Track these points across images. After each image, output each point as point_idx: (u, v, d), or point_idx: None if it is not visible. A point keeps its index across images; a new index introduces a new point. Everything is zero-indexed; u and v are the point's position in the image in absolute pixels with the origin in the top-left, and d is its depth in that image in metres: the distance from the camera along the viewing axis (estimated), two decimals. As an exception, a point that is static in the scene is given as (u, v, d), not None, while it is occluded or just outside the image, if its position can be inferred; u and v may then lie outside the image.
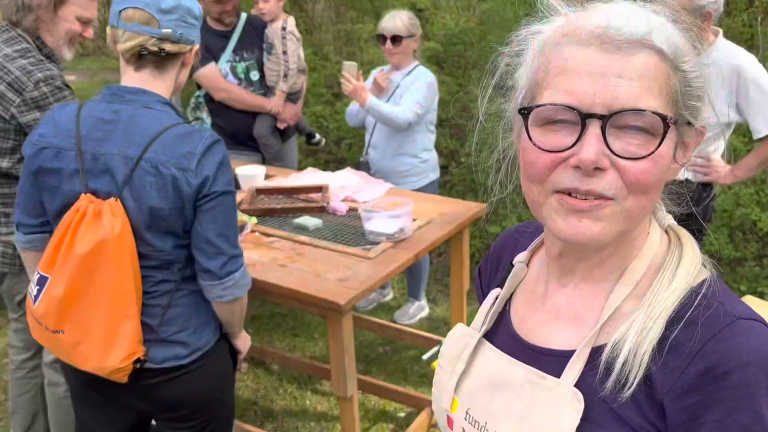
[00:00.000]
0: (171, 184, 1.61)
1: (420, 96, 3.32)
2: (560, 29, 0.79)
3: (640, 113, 0.73)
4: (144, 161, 1.61)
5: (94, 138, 1.64)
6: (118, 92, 1.68)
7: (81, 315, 1.67)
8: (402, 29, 3.32)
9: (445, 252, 4.66)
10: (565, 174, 0.76)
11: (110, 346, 1.66)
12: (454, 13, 5.52)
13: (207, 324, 1.83)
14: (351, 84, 3.17)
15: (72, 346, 1.69)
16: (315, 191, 2.95)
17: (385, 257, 2.35)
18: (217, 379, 1.90)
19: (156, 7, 1.60)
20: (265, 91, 3.75)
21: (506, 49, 0.85)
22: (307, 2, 7.01)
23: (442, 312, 3.99)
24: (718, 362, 0.73)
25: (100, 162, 1.63)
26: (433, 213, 2.71)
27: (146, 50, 1.63)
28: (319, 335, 3.81)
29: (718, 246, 3.84)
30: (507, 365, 0.88)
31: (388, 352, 3.66)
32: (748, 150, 4.00)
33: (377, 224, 2.46)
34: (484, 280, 1.08)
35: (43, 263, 1.68)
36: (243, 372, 3.48)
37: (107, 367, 1.68)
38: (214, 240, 1.68)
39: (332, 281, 2.20)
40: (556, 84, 0.76)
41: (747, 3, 4.87)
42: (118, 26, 1.63)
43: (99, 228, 1.60)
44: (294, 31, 3.69)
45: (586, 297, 0.86)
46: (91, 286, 1.64)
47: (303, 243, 2.49)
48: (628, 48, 0.73)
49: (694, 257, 0.83)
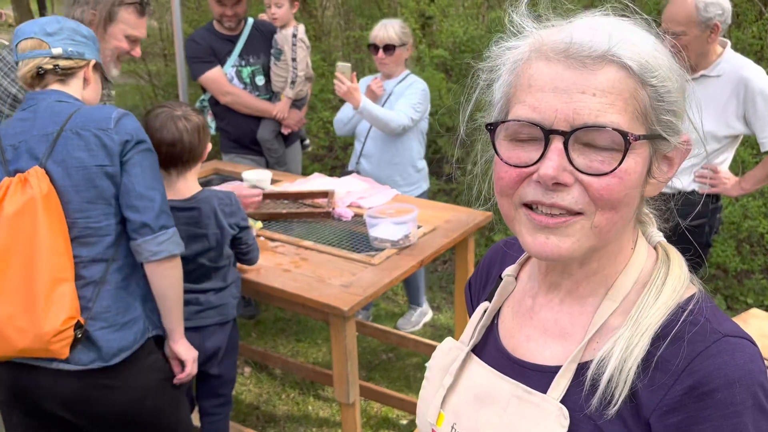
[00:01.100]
0: (95, 142, 1.71)
1: (415, 101, 3.27)
2: (531, 44, 0.79)
3: (602, 129, 0.73)
4: (65, 132, 1.72)
5: (12, 133, 1.76)
6: (31, 97, 1.80)
7: (12, 284, 1.63)
8: (394, 38, 3.27)
9: (450, 259, 4.65)
10: (530, 188, 0.77)
11: (48, 309, 1.63)
12: (463, 21, 5.52)
13: (135, 323, 1.80)
14: (345, 85, 3.09)
15: (6, 322, 1.64)
16: (321, 196, 2.95)
17: (389, 264, 2.35)
18: (148, 388, 1.84)
19: (42, 33, 1.78)
20: (270, 96, 3.76)
21: (483, 64, 0.86)
22: (317, 9, 7.04)
23: (446, 319, 3.98)
24: (704, 380, 0.72)
25: (20, 149, 1.73)
26: (438, 220, 2.70)
27: (42, 69, 1.78)
28: (323, 341, 3.80)
29: (725, 258, 3.82)
30: (494, 380, 0.88)
31: (391, 358, 3.65)
32: (756, 162, 3.99)
33: (382, 230, 2.46)
34: (474, 293, 1.08)
35: None
36: (246, 376, 3.48)
37: (47, 332, 1.62)
38: (145, 193, 1.75)
39: (336, 287, 2.20)
40: (522, 99, 0.77)
41: (757, 15, 4.85)
42: (17, 59, 1.79)
43: (27, 190, 1.65)
44: (304, 39, 3.70)
45: (573, 312, 0.86)
46: (22, 248, 1.63)
47: (307, 248, 2.50)
48: (592, 64, 0.73)
49: (681, 273, 0.83)
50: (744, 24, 4.86)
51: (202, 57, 3.60)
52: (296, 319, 4.04)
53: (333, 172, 5.37)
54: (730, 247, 3.85)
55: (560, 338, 0.85)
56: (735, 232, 3.91)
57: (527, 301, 0.92)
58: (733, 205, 3.87)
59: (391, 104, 3.33)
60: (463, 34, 5.20)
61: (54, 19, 1.81)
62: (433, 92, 4.87)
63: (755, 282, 3.92)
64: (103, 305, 1.75)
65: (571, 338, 0.84)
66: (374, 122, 3.24)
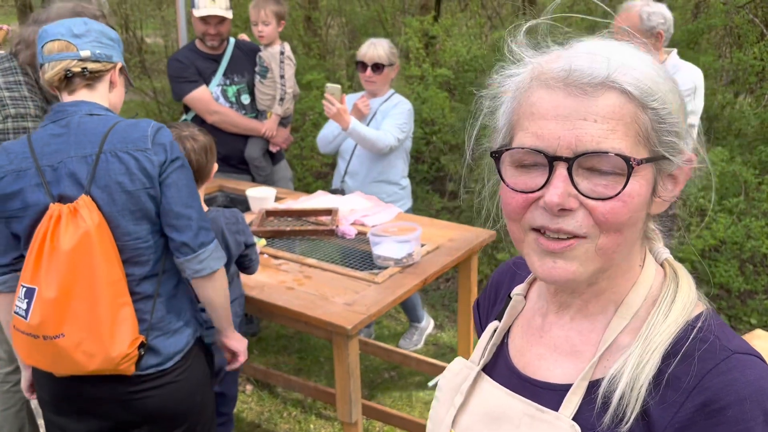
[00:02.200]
0: (135, 165, 1.70)
1: (401, 121, 3.27)
2: (532, 72, 0.81)
3: (604, 155, 0.74)
4: (104, 154, 1.70)
5: (49, 152, 1.72)
6: (60, 108, 1.77)
7: (78, 313, 1.67)
8: (384, 58, 3.27)
9: (452, 277, 4.64)
10: (537, 212, 0.78)
11: (114, 334, 1.69)
12: (466, 41, 5.57)
13: (186, 327, 1.87)
14: (334, 107, 3.09)
15: (74, 348, 1.68)
16: (324, 214, 2.96)
17: (392, 282, 2.35)
18: (197, 384, 1.92)
19: (70, 34, 1.74)
20: (256, 114, 3.77)
21: (485, 91, 0.88)
22: (321, 27, 7.10)
23: (449, 338, 3.97)
24: (715, 397, 0.73)
25: (60, 171, 1.71)
26: (441, 239, 2.71)
27: (71, 72, 1.75)
28: (325, 359, 3.79)
29: (728, 279, 3.81)
30: (505, 398, 0.88)
31: (393, 377, 3.63)
32: (759, 182, 3.99)
33: (385, 249, 2.46)
34: (482, 313, 1.09)
35: (27, 275, 1.69)
36: (248, 394, 3.46)
37: (116, 356, 1.69)
38: (183, 212, 1.76)
39: (339, 305, 2.20)
40: (525, 126, 0.79)
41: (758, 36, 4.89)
42: (43, 62, 1.76)
43: (79, 223, 1.66)
44: (291, 56, 3.73)
45: (583, 330, 0.86)
46: (83, 281, 1.67)
47: (311, 266, 2.50)
48: (592, 90, 0.75)
49: (690, 291, 0.83)
50: (745, 45, 4.90)
51: (186, 76, 3.59)
52: (298, 336, 4.03)
53: (336, 189, 5.38)
54: (733, 267, 3.85)
55: (571, 356, 0.86)
56: (738, 252, 3.90)
57: (537, 320, 0.92)
58: (736, 225, 3.86)
59: (377, 123, 3.34)
60: (467, 53, 5.24)
61: (81, 21, 1.79)
62: (436, 111, 4.91)
63: (759, 302, 3.90)
64: (158, 316, 1.81)
65: (582, 356, 0.85)
66: (362, 142, 3.23)
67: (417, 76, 5.24)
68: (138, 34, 8.59)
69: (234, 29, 3.98)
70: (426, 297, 4.48)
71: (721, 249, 3.96)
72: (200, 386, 1.93)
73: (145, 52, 8.75)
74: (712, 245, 3.85)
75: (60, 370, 1.76)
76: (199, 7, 3.52)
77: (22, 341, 1.74)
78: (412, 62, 5.32)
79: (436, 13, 6.20)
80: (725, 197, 3.97)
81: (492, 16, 6.94)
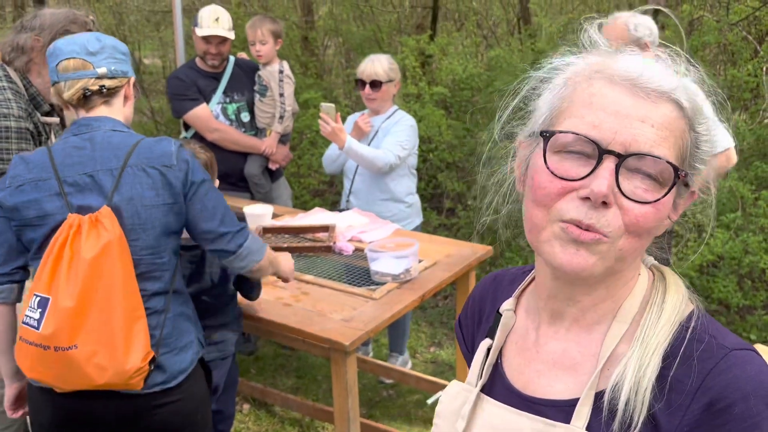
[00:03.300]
0: (161, 181, 1.73)
1: (402, 138, 3.22)
2: (593, 65, 0.81)
3: (656, 160, 0.75)
4: (129, 167, 1.72)
5: (71, 163, 1.72)
6: (84, 122, 1.78)
7: (94, 324, 1.66)
8: (381, 75, 3.22)
9: (451, 294, 4.63)
10: (573, 204, 0.76)
11: (128, 348, 1.68)
12: (462, 59, 5.61)
13: (190, 346, 1.86)
14: (329, 126, 3.05)
15: (86, 360, 1.66)
16: (321, 231, 2.96)
17: (390, 298, 2.34)
18: (199, 403, 1.91)
19: (84, 52, 1.75)
20: (255, 132, 3.78)
21: (536, 73, 0.87)
22: (318, 47, 7.15)
23: (447, 356, 3.95)
24: (720, 396, 0.74)
25: (82, 183, 1.71)
26: (439, 255, 2.70)
27: (89, 90, 1.76)
28: (323, 377, 3.76)
29: (726, 294, 3.80)
30: (512, 417, 0.86)
31: (392, 395, 3.60)
32: (756, 198, 4.00)
33: (383, 264, 2.45)
34: (466, 333, 1.06)
35: (41, 285, 1.68)
36: (245, 413, 3.43)
37: (128, 370, 1.67)
38: (214, 228, 1.82)
39: (337, 321, 2.18)
40: (580, 115, 0.78)
41: (752, 53, 4.93)
42: (59, 80, 1.76)
43: (101, 232, 1.66)
44: (290, 75, 3.75)
45: (581, 341, 0.85)
46: (101, 291, 1.66)
47: (308, 282, 2.49)
48: (656, 97, 0.76)
49: (679, 289, 0.84)
50: (739, 62, 4.94)
51: (187, 94, 3.61)
52: (296, 355, 4.00)
53: (334, 207, 5.37)
54: (731, 283, 3.84)
55: (570, 370, 0.85)
56: (736, 267, 3.90)
57: (531, 335, 0.91)
58: (734, 241, 3.87)
59: (378, 141, 3.29)
60: (463, 71, 5.27)
61: (93, 37, 1.79)
62: (433, 128, 4.92)
63: (758, 318, 3.89)
64: (166, 332, 1.80)
65: (582, 368, 0.84)
66: (360, 161, 3.20)
67: (414, 95, 5.27)
68: (136, 55, 8.65)
69: (233, 48, 4.01)
70: (424, 314, 4.46)
71: (719, 265, 3.96)
72: (202, 404, 1.93)
73: (143, 73, 8.80)
74: (710, 261, 3.85)
75: (66, 384, 1.72)
76: (201, 26, 3.55)
77: (29, 353, 1.70)
78: (408, 80, 5.36)
79: (432, 32, 6.25)
80: (722, 213, 3.98)
81: (488, 35, 7.00)
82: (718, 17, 5.24)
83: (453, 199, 5.18)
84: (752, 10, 5.01)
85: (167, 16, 8.30)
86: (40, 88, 2.34)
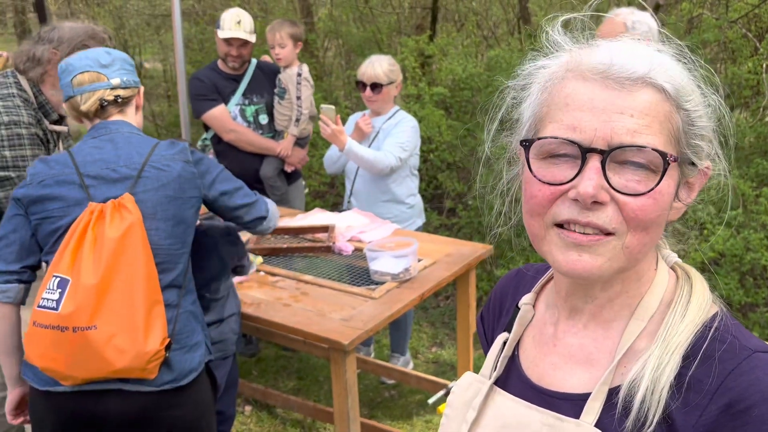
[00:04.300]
0: (179, 176, 1.83)
1: (403, 139, 3.20)
2: (565, 65, 0.80)
3: (640, 150, 0.73)
4: (150, 164, 1.81)
5: (92, 160, 1.80)
6: (102, 126, 1.86)
7: (114, 305, 1.68)
8: (381, 77, 3.21)
9: (452, 295, 4.62)
10: (565, 206, 0.76)
11: (148, 330, 1.70)
12: (462, 60, 5.61)
13: (199, 346, 1.87)
14: (329, 128, 3.05)
15: (105, 342, 1.66)
16: (321, 231, 2.95)
17: (389, 297, 2.34)
18: (207, 404, 1.92)
19: (97, 65, 1.84)
20: (274, 135, 3.79)
21: (513, 82, 0.86)
22: (319, 49, 7.16)
23: (449, 356, 3.94)
24: (739, 398, 0.72)
25: (105, 176, 1.78)
26: (438, 254, 2.70)
27: (106, 101, 1.85)
28: (324, 378, 3.76)
29: (728, 292, 3.79)
30: (522, 410, 0.85)
31: (393, 396, 3.60)
32: (757, 195, 3.99)
33: (382, 264, 2.45)
34: (487, 327, 1.06)
35: (62, 266, 1.69)
36: (246, 415, 3.42)
37: (148, 353, 1.69)
38: (242, 202, 2.00)
39: (336, 321, 2.18)
40: (558, 118, 0.77)
41: (752, 50, 4.92)
42: (75, 94, 1.84)
43: (125, 215, 1.73)
44: (309, 78, 3.75)
45: (597, 337, 0.84)
46: (124, 272, 1.69)
47: (308, 282, 2.49)
48: (630, 85, 0.74)
49: (705, 291, 0.82)
50: (739, 59, 4.93)
51: (206, 95, 3.65)
52: (297, 356, 4.00)
53: (334, 208, 5.38)
54: (733, 281, 3.83)
55: (586, 364, 0.84)
56: (738, 264, 3.89)
57: (549, 329, 0.90)
58: (735, 238, 3.86)
59: (379, 142, 3.28)
60: (462, 71, 5.27)
61: (103, 51, 1.88)
62: (433, 129, 4.92)
63: (760, 315, 3.88)
64: (179, 327, 1.82)
65: (598, 363, 0.83)
66: (360, 163, 3.19)
67: (413, 95, 5.26)
68: (137, 59, 8.67)
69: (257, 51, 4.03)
70: (426, 315, 4.46)
71: (721, 262, 3.95)
72: (207, 411, 1.94)
73: (144, 77, 8.83)
74: (712, 258, 3.83)
75: (78, 371, 1.70)
76: (223, 29, 3.58)
77: (42, 338, 1.69)
78: (408, 81, 5.36)
79: (431, 33, 6.25)
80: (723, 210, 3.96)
81: (488, 35, 7.00)
82: (718, 15, 5.24)
83: (454, 200, 5.18)
84: (751, 7, 5.01)
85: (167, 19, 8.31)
86: (52, 99, 2.37)
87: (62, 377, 1.73)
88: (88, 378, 1.72)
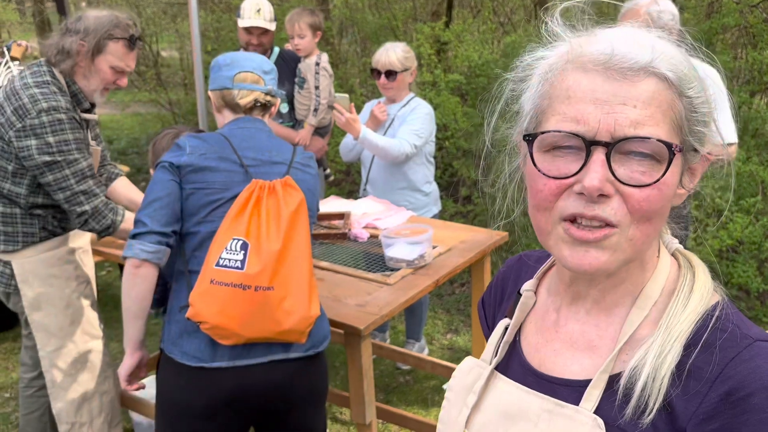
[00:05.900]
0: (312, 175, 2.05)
1: (418, 126, 3.21)
2: (564, 55, 0.79)
3: (645, 141, 0.73)
4: (296, 163, 2.01)
5: (246, 147, 1.96)
6: (251, 120, 2.04)
7: (288, 270, 1.83)
8: (396, 64, 3.21)
9: (467, 282, 4.64)
10: (571, 200, 0.76)
11: (311, 297, 1.86)
12: (478, 46, 5.58)
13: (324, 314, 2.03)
14: (344, 116, 3.06)
15: (278, 303, 1.80)
16: (337, 218, 2.98)
17: (404, 283, 2.36)
18: (327, 374, 2.07)
19: (260, 70, 2.03)
20: (294, 124, 3.81)
21: (511, 74, 0.86)
22: (334, 37, 7.15)
23: (464, 342, 3.96)
24: (739, 386, 0.72)
25: (262, 159, 1.96)
26: (453, 240, 2.71)
27: (259, 102, 2.03)
28: (340, 363, 3.80)
29: (746, 279, 3.76)
30: (522, 395, 0.86)
31: (408, 381, 3.63)
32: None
33: (397, 250, 2.47)
34: (488, 312, 1.07)
35: (239, 230, 1.80)
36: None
37: (311, 316, 1.85)
38: None
39: (351, 306, 2.21)
40: (561, 110, 0.76)
41: (773, 35, 4.85)
42: (233, 87, 2.01)
43: (293, 192, 1.89)
44: (327, 67, 3.75)
45: (600, 324, 0.85)
46: (297, 241, 1.86)
47: (323, 269, 2.51)
48: (632, 75, 0.73)
49: (707, 280, 0.82)
50: (760, 45, 4.86)
51: None
52: (314, 342, 4.03)
53: (350, 195, 5.40)
54: (751, 268, 3.80)
55: (588, 351, 0.84)
56: (756, 252, 3.85)
57: (551, 315, 0.90)
58: (753, 225, 3.82)
59: (394, 129, 3.28)
60: (478, 58, 5.25)
61: (264, 60, 2.07)
62: (448, 116, 4.91)
63: (778, 303, 3.85)
64: None
65: (599, 350, 0.83)
66: (375, 151, 3.19)
67: (429, 82, 5.25)
68: (154, 47, 8.71)
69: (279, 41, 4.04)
70: (441, 301, 4.48)
71: (739, 249, 3.92)
72: (327, 374, 2.09)
73: (161, 66, 8.87)
74: (730, 245, 3.81)
75: (248, 330, 1.80)
76: (243, 18, 3.61)
77: (221, 295, 1.76)
78: (424, 68, 5.34)
79: (447, 19, 6.22)
80: (742, 197, 3.93)
81: (504, 22, 6.95)
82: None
83: (469, 187, 5.18)
84: (773, -9, 4.92)
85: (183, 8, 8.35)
86: (86, 90, 2.40)
87: (228, 335, 1.79)
88: (252, 337, 1.81)
